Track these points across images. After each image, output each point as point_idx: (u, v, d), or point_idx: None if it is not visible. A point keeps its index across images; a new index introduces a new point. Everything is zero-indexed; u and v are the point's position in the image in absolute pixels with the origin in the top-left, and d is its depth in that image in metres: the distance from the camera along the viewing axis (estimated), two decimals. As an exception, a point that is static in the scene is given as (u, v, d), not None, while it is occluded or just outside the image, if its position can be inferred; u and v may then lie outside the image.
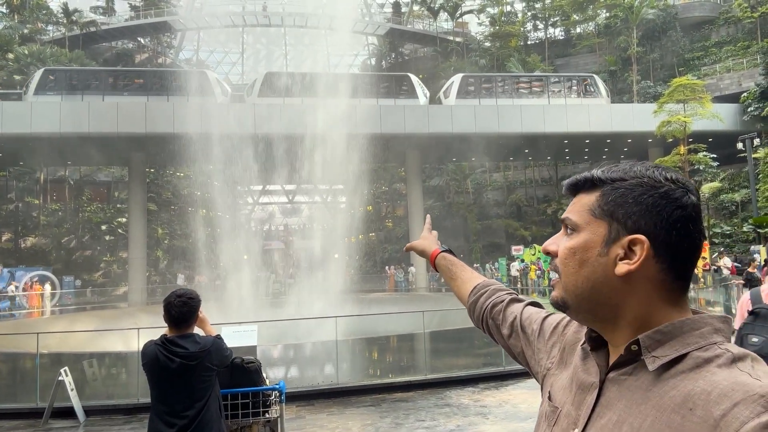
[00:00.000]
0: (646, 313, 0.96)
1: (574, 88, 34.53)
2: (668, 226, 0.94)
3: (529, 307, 1.40)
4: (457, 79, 33.29)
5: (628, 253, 0.95)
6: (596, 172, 1.03)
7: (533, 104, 32.49)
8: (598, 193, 1.01)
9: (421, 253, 1.87)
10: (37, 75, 30.30)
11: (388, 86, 33.57)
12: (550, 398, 1.13)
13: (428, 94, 33.43)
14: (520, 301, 1.44)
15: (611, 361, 1.00)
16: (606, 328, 1.01)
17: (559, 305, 1.04)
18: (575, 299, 1.01)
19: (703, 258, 23.62)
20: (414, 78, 33.62)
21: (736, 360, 0.87)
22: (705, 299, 17.49)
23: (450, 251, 1.78)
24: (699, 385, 0.84)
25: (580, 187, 1.05)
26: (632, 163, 1.03)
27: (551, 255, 1.05)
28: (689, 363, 0.89)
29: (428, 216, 2.16)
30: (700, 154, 28.19)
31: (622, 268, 0.96)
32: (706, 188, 29.02)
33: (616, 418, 0.92)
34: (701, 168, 29.70)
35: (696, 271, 22.18)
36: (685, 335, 0.93)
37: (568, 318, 1.24)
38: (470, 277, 1.64)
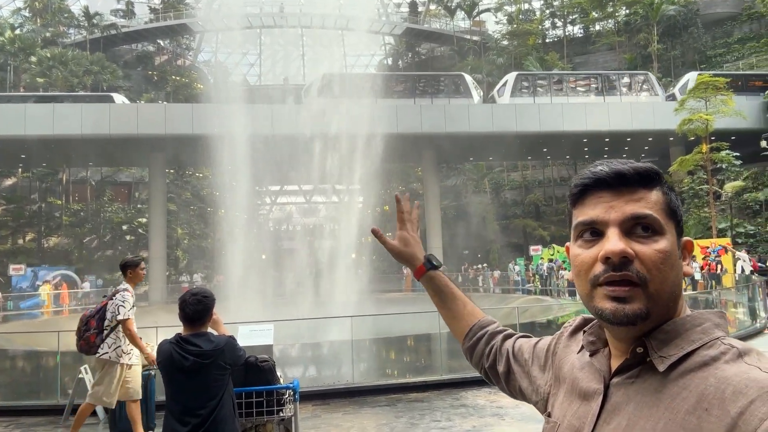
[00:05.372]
0: (681, 312, 0.97)
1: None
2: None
3: (521, 339, 1.35)
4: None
5: (683, 254, 0.98)
6: (652, 166, 0.98)
7: (550, 103, 32.26)
8: (660, 191, 0.96)
9: (404, 258, 1.50)
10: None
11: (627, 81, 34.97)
12: (549, 416, 1.11)
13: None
14: (511, 336, 1.38)
15: (614, 367, 0.98)
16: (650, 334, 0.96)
17: (641, 318, 0.90)
18: (662, 307, 0.92)
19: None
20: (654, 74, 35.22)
21: (742, 354, 0.86)
22: (726, 300, 17.13)
23: (436, 266, 1.47)
24: (711, 383, 0.83)
25: (632, 181, 0.95)
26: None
27: (628, 259, 0.90)
28: (696, 361, 0.88)
29: (408, 198, 1.62)
30: (723, 153, 27.68)
31: (689, 270, 0.98)
32: (729, 187, 28.48)
33: (625, 423, 0.90)
34: (724, 166, 29.16)
35: (727, 267, 21.86)
36: (688, 332, 0.92)
37: (557, 337, 1.21)
38: (462, 313, 1.44)
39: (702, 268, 22.37)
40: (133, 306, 5.99)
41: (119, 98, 32.72)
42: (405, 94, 32.58)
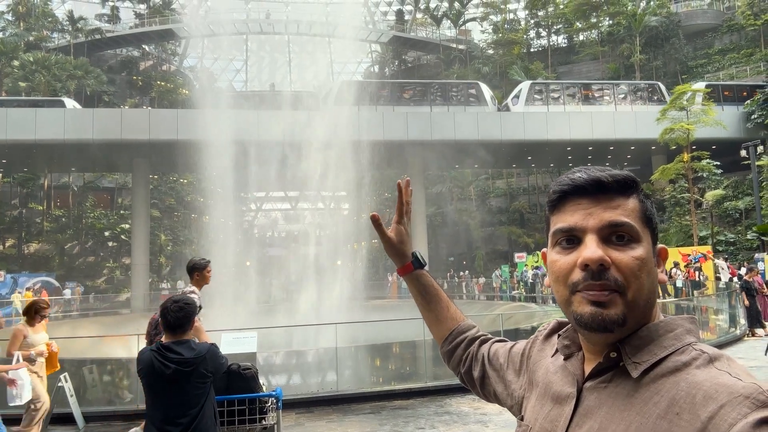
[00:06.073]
0: (655, 317, 0.97)
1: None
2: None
3: (496, 344, 1.35)
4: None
5: (658, 261, 0.99)
6: (629, 174, 0.98)
7: (536, 112, 32.55)
8: (636, 199, 0.97)
9: (395, 252, 1.43)
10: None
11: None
12: (522, 419, 1.12)
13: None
14: (487, 341, 1.38)
15: (587, 371, 0.99)
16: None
17: (618, 324, 0.91)
18: (638, 314, 0.93)
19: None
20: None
21: (713, 360, 0.87)
22: (707, 306, 17.34)
23: (423, 264, 1.45)
24: (682, 388, 0.84)
25: (610, 188, 0.96)
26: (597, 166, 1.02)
27: (605, 267, 0.91)
28: (668, 366, 0.89)
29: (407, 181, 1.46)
30: (704, 162, 28.09)
31: (663, 277, 0.99)
32: (710, 196, 28.89)
33: (597, 426, 0.91)
34: (705, 175, 29.59)
35: (708, 274, 22.16)
36: (661, 338, 0.93)
37: (532, 341, 1.22)
38: (445, 316, 1.43)
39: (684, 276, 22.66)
40: (199, 307, 5.93)
41: (70, 103, 32.14)
42: (420, 102, 32.86)
